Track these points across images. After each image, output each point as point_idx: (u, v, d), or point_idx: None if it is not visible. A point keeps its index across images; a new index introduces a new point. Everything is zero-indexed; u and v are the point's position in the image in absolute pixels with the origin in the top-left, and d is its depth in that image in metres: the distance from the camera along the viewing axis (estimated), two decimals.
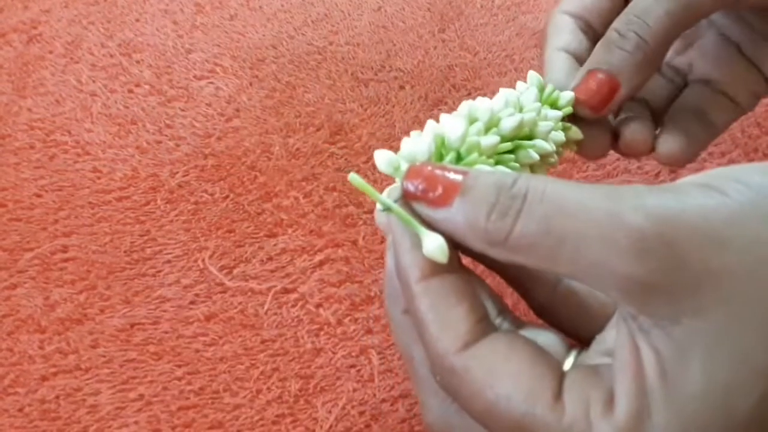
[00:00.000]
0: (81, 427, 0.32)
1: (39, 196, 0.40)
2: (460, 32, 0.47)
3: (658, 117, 0.30)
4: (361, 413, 0.32)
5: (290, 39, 0.47)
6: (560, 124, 0.26)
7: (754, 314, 0.17)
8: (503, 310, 0.23)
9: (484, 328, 0.20)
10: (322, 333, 0.34)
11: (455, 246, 0.20)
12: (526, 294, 0.25)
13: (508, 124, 0.23)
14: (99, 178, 0.41)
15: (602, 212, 0.17)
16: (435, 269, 0.20)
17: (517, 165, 0.24)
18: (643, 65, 0.26)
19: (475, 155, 0.22)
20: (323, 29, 0.48)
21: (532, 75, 0.27)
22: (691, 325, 0.17)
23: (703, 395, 0.17)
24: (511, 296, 0.33)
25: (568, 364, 0.21)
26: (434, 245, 0.19)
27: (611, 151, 0.29)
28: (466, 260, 0.22)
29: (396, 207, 0.20)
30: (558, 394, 0.18)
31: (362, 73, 0.45)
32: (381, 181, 0.40)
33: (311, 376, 0.33)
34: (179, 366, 0.33)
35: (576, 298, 0.23)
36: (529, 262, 0.18)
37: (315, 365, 0.33)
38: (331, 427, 0.31)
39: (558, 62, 0.28)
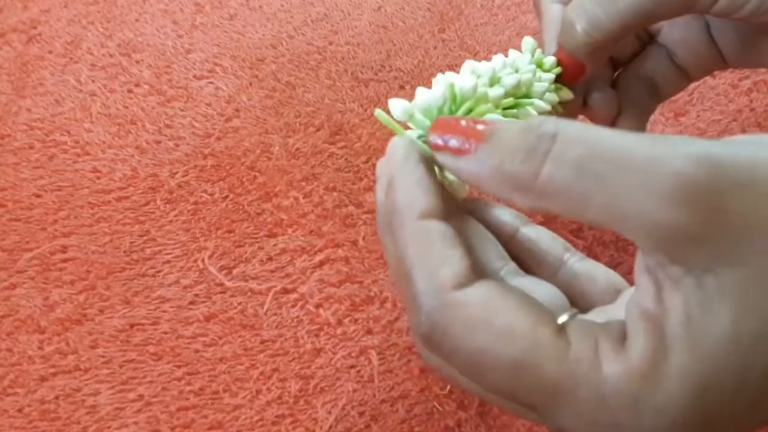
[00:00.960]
0: (80, 428, 0.32)
1: (38, 196, 0.40)
2: (460, 32, 0.47)
3: (618, 67, 0.31)
4: (361, 414, 0.32)
5: (290, 39, 0.47)
6: (552, 85, 0.27)
7: None
8: (505, 257, 0.22)
9: (479, 272, 0.19)
10: (322, 333, 0.34)
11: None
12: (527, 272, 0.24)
13: (508, 80, 0.25)
14: (98, 178, 0.41)
15: (646, 156, 0.16)
16: (435, 211, 0.20)
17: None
18: (596, 55, 0.27)
19: (484, 106, 0.23)
20: (323, 29, 0.48)
21: (528, 40, 0.28)
22: (725, 274, 0.16)
23: (728, 342, 0.16)
24: None
25: (561, 321, 0.19)
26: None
27: None
28: None
29: (420, 143, 0.21)
30: (561, 331, 0.17)
31: (362, 73, 0.45)
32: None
33: (311, 376, 0.33)
34: (179, 366, 0.33)
35: (578, 285, 0.22)
36: (557, 208, 0.17)
37: (315, 365, 0.33)
38: (330, 427, 0.31)
39: (553, 13, 0.29)
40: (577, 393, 0.17)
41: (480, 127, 0.19)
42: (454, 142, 0.19)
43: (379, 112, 0.22)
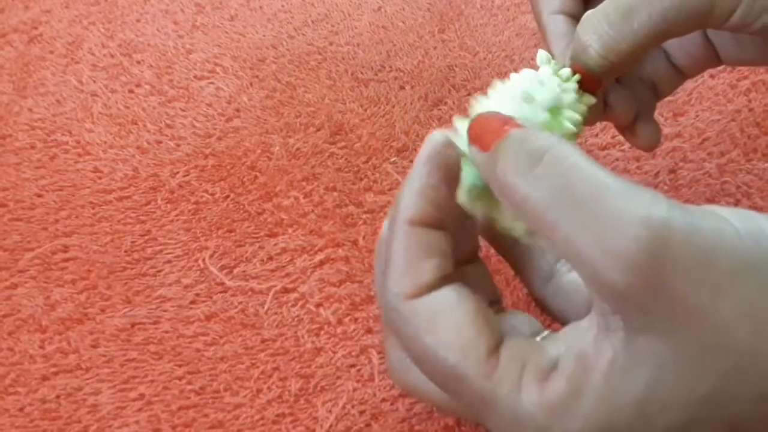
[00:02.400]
0: (81, 427, 0.32)
1: (40, 195, 0.40)
2: (460, 32, 0.47)
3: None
4: (362, 413, 0.32)
5: (290, 39, 0.47)
6: (576, 94, 0.27)
7: (719, 362, 0.17)
8: (498, 295, 0.24)
9: (443, 282, 0.20)
10: (322, 332, 0.34)
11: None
12: (525, 281, 0.25)
13: (544, 98, 0.25)
14: (100, 178, 0.41)
15: (613, 209, 0.17)
16: (425, 218, 0.21)
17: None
18: (613, 73, 0.27)
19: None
20: (323, 29, 0.48)
21: (542, 53, 0.28)
22: (654, 341, 0.17)
23: (636, 405, 0.17)
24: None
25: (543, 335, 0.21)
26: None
27: (611, 152, 0.29)
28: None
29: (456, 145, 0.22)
30: (494, 351, 0.19)
31: (362, 73, 0.45)
32: (381, 181, 0.40)
33: (311, 375, 0.33)
34: (180, 365, 0.33)
35: (564, 295, 0.23)
36: (531, 225, 0.18)
37: (315, 365, 0.33)
38: (331, 426, 0.31)
39: (557, 26, 0.28)
40: (497, 409, 0.18)
41: (507, 127, 0.20)
42: (485, 139, 0.20)
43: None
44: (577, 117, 0.26)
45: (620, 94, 0.29)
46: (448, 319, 0.19)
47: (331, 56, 0.46)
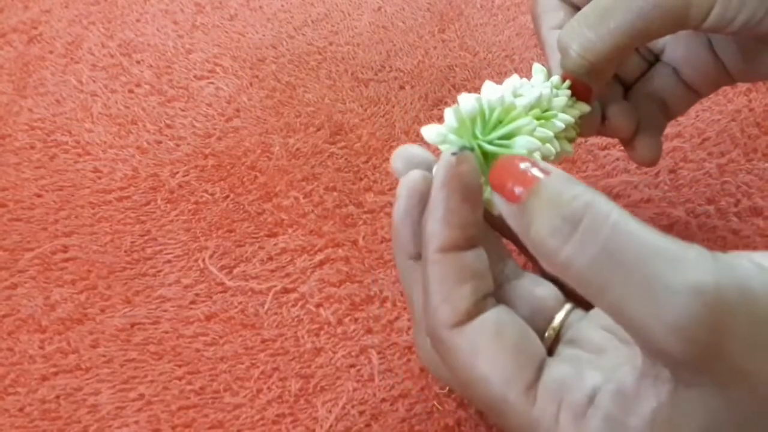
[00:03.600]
0: (81, 427, 0.32)
1: (39, 196, 0.40)
2: (460, 32, 0.47)
3: (627, 89, 0.31)
4: (361, 413, 0.32)
5: (290, 39, 0.47)
6: (570, 99, 0.27)
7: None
8: (505, 257, 0.24)
9: (481, 307, 0.20)
10: (322, 333, 0.34)
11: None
12: (532, 260, 0.25)
13: (530, 93, 0.25)
14: (99, 178, 0.41)
15: (660, 275, 0.16)
16: (454, 244, 0.21)
17: (550, 133, 0.25)
18: (597, 76, 0.27)
19: (514, 113, 0.23)
20: (323, 29, 0.48)
21: (537, 66, 0.28)
22: (706, 397, 0.17)
23: None
24: None
25: (558, 319, 0.22)
26: None
27: (611, 152, 0.29)
28: None
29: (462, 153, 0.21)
30: (533, 384, 0.19)
31: (362, 73, 0.45)
32: (381, 181, 0.40)
33: (311, 375, 0.33)
34: (179, 366, 0.33)
35: None
36: (574, 286, 0.18)
37: (315, 365, 0.33)
38: (331, 426, 0.31)
39: (555, 41, 0.28)
40: None
41: (534, 171, 0.19)
42: (509, 186, 0.19)
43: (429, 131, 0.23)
44: (569, 119, 0.26)
45: (620, 107, 0.29)
46: (488, 352, 0.20)
47: (331, 56, 0.46)
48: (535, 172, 0.19)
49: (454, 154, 0.21)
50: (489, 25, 0.48)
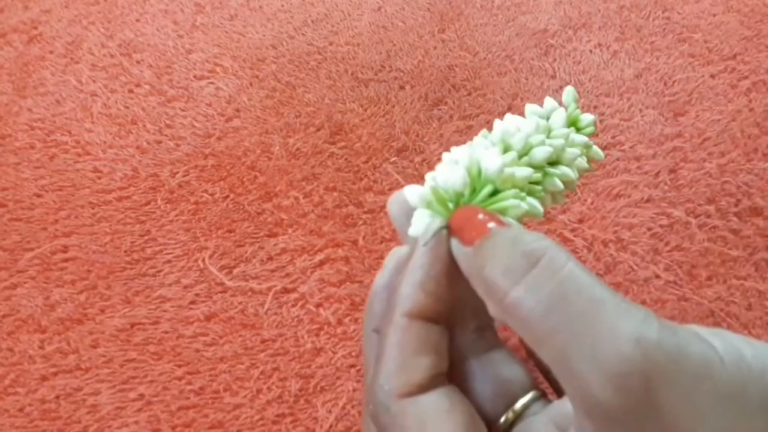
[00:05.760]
0: (81, 427, 0.32)
1: (39, 196, 0.40)
2: (460, 32, 0.47)
3: None
4: (361, 413, 0.32)
5: (290, 39, 0.47)
6: (584, 149, 0.25)
7: None
8: (483, 327, 0.23)
9: (434, 383, 0.20)
10: (322, 333, 0.34)
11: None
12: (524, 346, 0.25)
13: (540, 154, 0.23)
14: (99, 178, 0.41)
15: (606, 323, 0.16)
16: (423, 312, 0.20)
17: (543, 194, 0.23)
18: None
19: (509, 191, 0.22)
20: (323, 29, 0.48)
21: (569, 91, 0.26)
22: None
23: None
24: None
25: (520, 403, 0.22)
26: None
27: (611, 152, 0.28)
28: None
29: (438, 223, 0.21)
30: None
31: (362, 73, 0.45)
32: (381, 181, 0.40)
33: (311, 375, 0.33)
34: (179, 366, 0.33)
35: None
36: (517, 330, 0.18)
37: (315, 365, 0.33)
38: (331, 426, 0.31)
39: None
40: None
41: (491, 224, 0.19)
42: (467, 233, 0.20)
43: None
44: (572, 176, 0.24)
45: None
46: (438, 426, 0.19)
47: (331, 56, 0.46)
48: (490, 224, 0.19)
49: (443, 228, 0.21)
50: (489, 25, 0.48)
